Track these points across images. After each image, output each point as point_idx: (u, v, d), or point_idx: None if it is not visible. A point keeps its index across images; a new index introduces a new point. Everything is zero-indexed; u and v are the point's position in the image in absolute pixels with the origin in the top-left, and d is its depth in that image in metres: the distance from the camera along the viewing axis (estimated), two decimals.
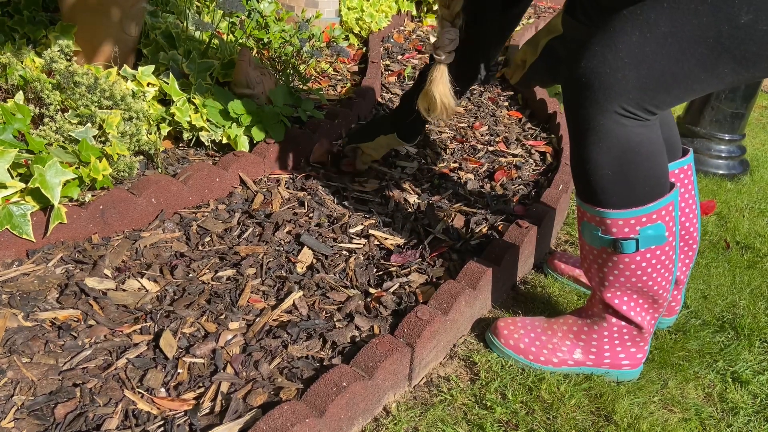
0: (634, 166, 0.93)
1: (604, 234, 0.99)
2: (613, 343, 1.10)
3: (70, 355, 0.95)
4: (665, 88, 0.88)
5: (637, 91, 0.88)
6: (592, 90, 0.90)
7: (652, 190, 0.96)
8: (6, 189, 1.10)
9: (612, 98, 0.89)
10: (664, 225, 0.98)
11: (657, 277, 1.02)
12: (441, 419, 0.98)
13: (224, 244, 1.28)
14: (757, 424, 1.06)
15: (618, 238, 0.98)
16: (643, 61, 0.86)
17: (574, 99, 0.95)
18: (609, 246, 1.00)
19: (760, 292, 1.44)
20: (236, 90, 1.68)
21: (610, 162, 0.93)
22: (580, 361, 1.11)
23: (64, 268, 1.12)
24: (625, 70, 0.87)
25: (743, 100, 2.15)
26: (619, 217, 0.97)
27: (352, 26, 2.91)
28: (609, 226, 0.98)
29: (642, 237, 0.97)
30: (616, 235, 0.98)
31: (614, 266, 1.02)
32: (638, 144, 0.92)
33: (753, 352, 1.23)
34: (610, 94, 0.89)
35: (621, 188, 0.95)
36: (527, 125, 2.20)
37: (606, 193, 0.96)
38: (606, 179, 0.95)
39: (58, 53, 1.38)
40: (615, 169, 0.94)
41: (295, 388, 0.94)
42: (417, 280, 1.24)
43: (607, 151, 0.93)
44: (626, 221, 0.97)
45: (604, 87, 0.89)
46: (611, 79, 0.88)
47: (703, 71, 0.85)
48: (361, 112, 2.00)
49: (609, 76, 0.88)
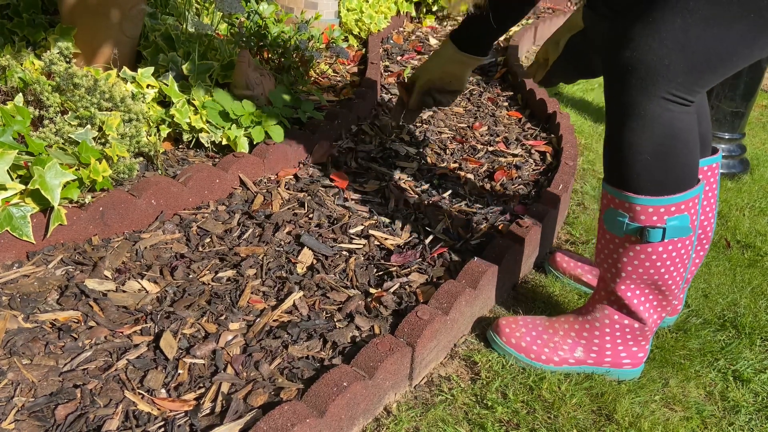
0: (674, 152, 0.95)
1: (632, 221, 1.00)
2: (614, 342, 1.09)
3: (71, 356, 0.95)
4: (711, 68, 0.90)
5: (684, 75, 0.90)
6: (640, 78, 0.91)
7: (685, 180, 0.97)
8: (6, 191, 1.10)
9: (660, 84, 0.91)
10: (690, 217, 0.99)
11: (673, 270, 1.03)
12: (442, 419, 0.98)
13: (224, 245, 1.28)
14: (759, 422, 1.06)
15: (646, 226, 0.99)
16: (688, 45, 0.88)
17: (618, 87, 0.95)
18: (635, 234, 1.00)
19: (760, 290, 1.44)
20: (236, 91, 1.68)
21: (652, 147, 0.94)
22: (581, 360, 1.11)
23: (64, 270, 1.12)
24: (671, 56, 0.89)
25: (743, 99, 2.15)
26: (651, 204, 0.97)
27: (351, 27, 2.91)
28: (638, 213, 0.98)
29: (669, 227, 0.98)
30: (644, 223, 0.99)
31: (635, 256, 1.02)
32: (680, 130, 0.94)
33: (754, 350, 1.23)
34: (658, 80, 0.91)
35: (657, 175, 0.96)
36: (527, 125, 2.20)
37: (641, 178, 0.97)
38: (644, 164, 0.96)
39: (57, 55, 1.38)
40: (655, 156, 0.95)
41: (296, 389, 0.94)
42: (417, 279, 1.24)
43: (651, 137, 0.94)
44: (656, 209, 0.97)
45: (651, 74, 0.90)
46: (658, 66, 0.90)
47: (745, 47, 0.88)
48: (361, 113, 2.00)
49: (656, 63, 0.90)
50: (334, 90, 2.25)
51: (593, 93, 2.74)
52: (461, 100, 2.39)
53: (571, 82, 1.22)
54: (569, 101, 2.59)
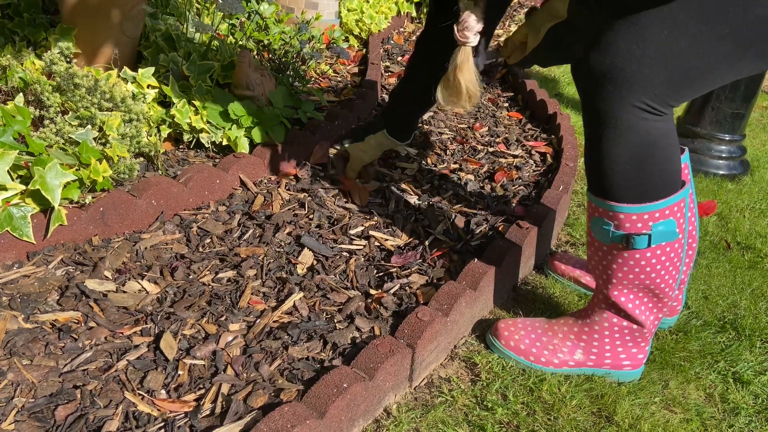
0: (652, 160, 0.94)
1: (616, 229, 1.00)
2: (614, 344, 1.09)
3: (71, 356, 0.95)
4: (689, 83, 0.90)
5: (662, 87, 0.90)
6: (616, 85, 0.91)
7: (666, 186, 0.97)
8: (6, 191, 1.10)
9: (636, 93, 0.90)
10: (676, 221, 0.99)
11: (665, 274, 1.02)
12: (442, 420, 0.98)
13: (224, 246, 1.28)
14: (759, 424, 1.06)
15: (630, 234, 0.99)
16: (671, 58, 0.87)
17: (594, 93, 0.95)
18: (620, 242, 1.00)
19: (761, 292, 1.44)
20: (236, 92, 1.68)
21: (629, 157, 0.94)
22: (581, 362, 1.11)
23: (64, 270, 1.12)
24: (652, 66, 0.88)
25: (743, 100, 2.15)
26: (633, 211, 0.97)
27: (351, 28, 2.91)
28: (622, 221, 0.98)
29: (654, 233, 0.98)
30: (628, 231, 0.99)
31: (623, 263, 1.02)
32: (657, 138, 0.94)
33: (754, 352, 1.23)
34: (634, 89, 0.90)
35: (637, 183, 0.96)
36: (527, 126, 2.20)
37: (621, 187, 0.96)
38: (623, 174, 0.96)
39: (58, 55, 1.38)
40: (633, 164, 0.95)
41: (296, 390, 0.94)
42: (417, 281, 1.24)
43: (627, 146, 0.94)
44: (639, 216, 0.97)
45: (629, 82, 0.90)
46: (637, 75, 0.89)
47: (727, 67, 0.88)
48: (361, 114, 2.00)
49: (635, 72, 0.89)
50: (335, 90, 2.25)
51: None
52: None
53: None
54: (570, 102, 2.59)
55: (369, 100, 2.07)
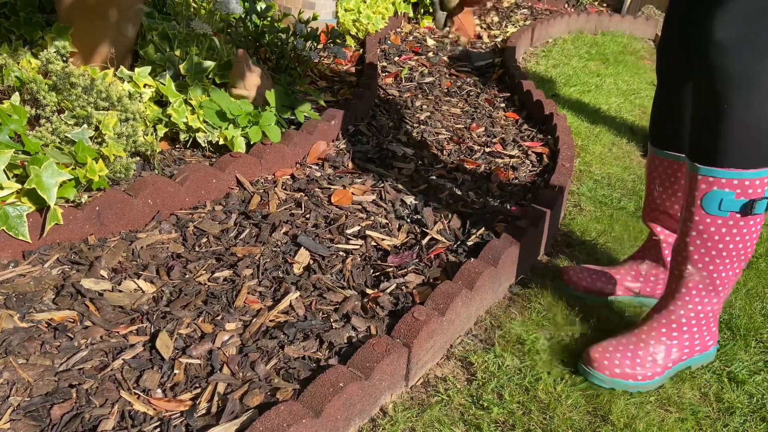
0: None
1: (739, 197, 1.01)
2: (700, 328, 1.13)
3: (66, 356, 0.95)
4: None
5: None
6: (753, 87, 0.95)
7: None
8: (2, 190, 1.10)
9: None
10: None
11: (753, 244, 1.06)
12: (438, 419, 0.98)
13: (221, 245, 1.28)
14: (753, 424, 1.06)
15: (754, 200, 1.00)
16: None
17: (734, 57, 0.96)
18: (743, 210, 1.01)
19: (755, 292, 1.44)
20: (233, 91, 1.68)
21: (764, 121, 0.97)
22: (677, 359, 1.13)
23: (60, 269, 1.12)
24: None
25: None
26: (759, 176, 0.99)
27: (348, 28, 2.91)
28: (746, 188, 1.00)
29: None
30: (751, 197, 1.00)
31: (737, 232, 1.03)
32: None
33: (749, 352, 1.24)
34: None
35: (766, 148, 0.98)
36: (524, 126, 2.21)
37: (754, 153, 0.98)
38: (756, 140, 0.97)
39: (54, 54, 1.38)
40: (763, 128, 0.97)
41: (292, 389, 0.94)
42: (414, 280, 1.24)
43: (764, 111, 0.96)
44: (762, 180, 1.00)
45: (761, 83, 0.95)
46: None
47: None
48: (358, 114, 2.00)
49: None
50: (332, 90, 2.25)
51: (590, 95, 2.74)
52: (458, 101, 2.39)
53: None
54: (566, 103, 2.60)
55: (366, 100, 2.07)
